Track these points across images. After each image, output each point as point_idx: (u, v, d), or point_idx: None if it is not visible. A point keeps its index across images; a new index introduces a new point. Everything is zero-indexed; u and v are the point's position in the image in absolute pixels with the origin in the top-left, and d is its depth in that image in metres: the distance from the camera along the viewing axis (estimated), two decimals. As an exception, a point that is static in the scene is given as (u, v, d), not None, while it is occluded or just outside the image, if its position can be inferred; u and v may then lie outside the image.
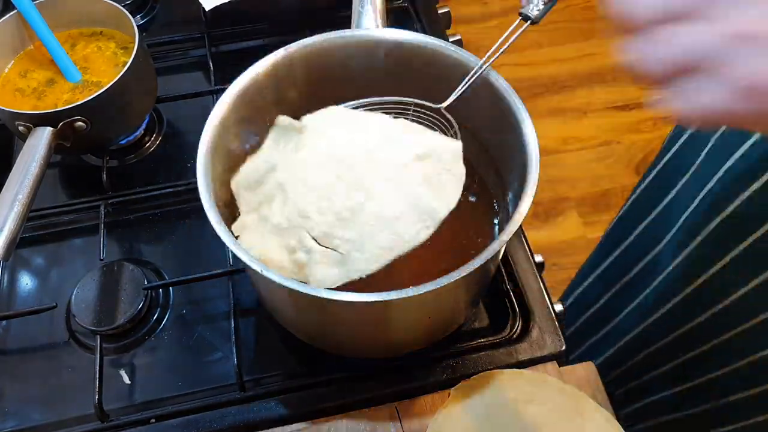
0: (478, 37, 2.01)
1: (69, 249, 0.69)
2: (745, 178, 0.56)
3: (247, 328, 0.63)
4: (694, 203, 0.63)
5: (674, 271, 0.67)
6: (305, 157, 0.52)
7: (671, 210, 0.68)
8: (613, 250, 0.81)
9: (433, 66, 0.58)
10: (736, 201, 0.57)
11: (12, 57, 0.69)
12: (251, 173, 0.54)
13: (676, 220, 0.66)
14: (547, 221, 1.68)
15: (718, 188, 0.59)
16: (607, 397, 0.59)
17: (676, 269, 0.67)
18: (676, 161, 0.67)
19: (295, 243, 0.50)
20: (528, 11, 0.53)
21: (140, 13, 0.87)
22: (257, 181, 0.53)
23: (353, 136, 0.53)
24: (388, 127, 0.54)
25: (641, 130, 1.83)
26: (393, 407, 0.57)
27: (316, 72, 0.60)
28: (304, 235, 0.49)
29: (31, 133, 0.60)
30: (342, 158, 0.51)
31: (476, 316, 0.64)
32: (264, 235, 0.51)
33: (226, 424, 0.57)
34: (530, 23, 0.54)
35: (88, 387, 0.58)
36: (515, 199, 0.50)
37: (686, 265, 0.65)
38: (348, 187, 0.50)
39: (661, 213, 0.70)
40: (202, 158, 0.52)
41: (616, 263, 0.80)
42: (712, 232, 0.60)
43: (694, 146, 0.64)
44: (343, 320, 0.54)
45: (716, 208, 0.59)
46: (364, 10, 0.60)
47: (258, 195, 0.53)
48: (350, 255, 0.49)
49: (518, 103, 0.54)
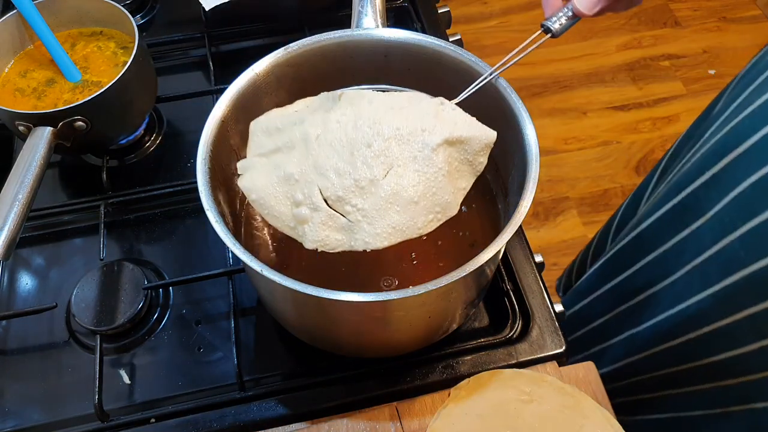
0: (478, 36, 2.02)
1: (69, 249, 0.69)
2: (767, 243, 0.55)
3: (247, 328, 0.63)
4: (711, 251, 0.62)
5: (681, 313, 0.66)
6: (338, 118, 0.51)
7: (683, 249, 0.66)
8: (615, 275, 0.79)
9: (433, 66, 0.58)
10: (757, 264, 0.56)
11: (12, 57, 0.69)
12: (276, 119, 0.53)
13: (687, 260, 0.65)
14: (547, 221, 1.68)
15: (738, 245, 0.58)
16: (607, 397, 0.59)
17: (682, 312, 0.66)
18: (694, 201, 0.65)
19: (302, 197, 0.49)
20: (550, 24, 0.53)
21: (140, 13, 0.87)
22: (279, 129, 0.52)
23: (390, 110, 0.51)
24: (428, 106, 0.52)
25: (641, 130, 1.83)
26: (393, 407, 0.57)
27: (316, 72, 0.60)
28: (315, 191, 0.48)
29: (31, 133, 0.60)
30: (374, 127, 0.50)
31: (476, 316, 0.64)
32: (270, 180, 0.50)
33: (226, 424, 0.57)
34: (550, 36, 0.54)
35: (88, 387, 0.58)
36: (515, 199, 0.50)
37: (694, 311, 0.64)
38: (374, 157, 0.48)
39: (671, 249, 0.69)
40: (202, 158, 0.52)
41: (618, 288, 0.79)
42: (727, 288, 0.59)
43: (716, 191, 0.62)
44: (343, 320, 0.54)
45: (734, 265, 0.58)
46: (364, 10, 0.60)
47: (276, 141, 0.52)
48: (359, 225, 0.48)
49: (518, 102, 0.54)
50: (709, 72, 1.94)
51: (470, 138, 0.51)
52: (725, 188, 0.60)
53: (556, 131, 1.83)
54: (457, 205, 0.51)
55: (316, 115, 0.52)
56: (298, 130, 0.51)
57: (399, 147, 0.49)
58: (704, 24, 2.05)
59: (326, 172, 0.48)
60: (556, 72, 1.94)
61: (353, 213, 0.48)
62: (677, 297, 0.67)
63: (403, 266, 0.58)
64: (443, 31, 0.85)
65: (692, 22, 2.06)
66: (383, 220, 0.48)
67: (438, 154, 0.50)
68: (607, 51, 1.99)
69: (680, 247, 0.67)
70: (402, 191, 0.48)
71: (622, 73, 1.95)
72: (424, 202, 0.49)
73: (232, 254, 0.66)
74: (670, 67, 1.96)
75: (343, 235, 0.49)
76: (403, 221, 0.48)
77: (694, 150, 0.69)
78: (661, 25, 2.05)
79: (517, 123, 0.53)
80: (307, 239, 0.49)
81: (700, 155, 0.66)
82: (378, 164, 0.48)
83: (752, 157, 0.57)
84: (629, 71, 1.95)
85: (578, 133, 1.83)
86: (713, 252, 0.61)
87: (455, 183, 0.51)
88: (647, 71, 1.95)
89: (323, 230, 0.48)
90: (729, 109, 0.65)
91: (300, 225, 0.49)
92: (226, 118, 0.55)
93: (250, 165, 0.52)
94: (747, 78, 0.65)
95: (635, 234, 0.76)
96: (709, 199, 0.63)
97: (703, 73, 1.94)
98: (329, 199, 0.48)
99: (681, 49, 2.00)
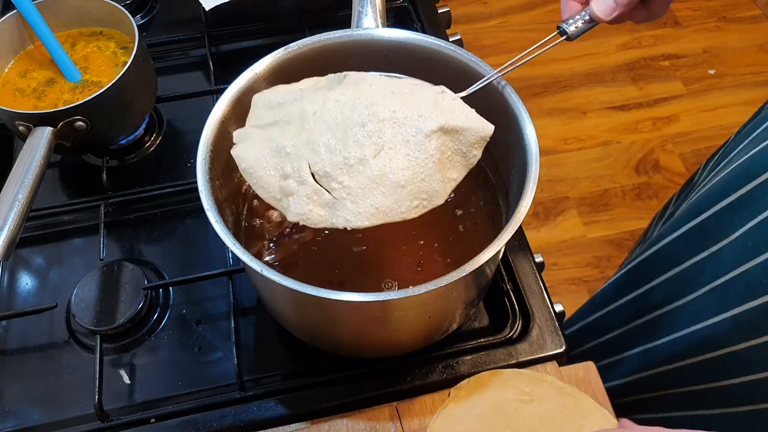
0: (478, 36, 2.02)
1: (69, 249, 0.69)
2: None
3: (247, 328, 0.63)
4: (730, 275, 0.61)
5: (696, 333, 0.66)
6: (337, 97, 0.51)
7: (702, 270, 0.66)
8: (632, 289, 0.79)
9: (433, 66, 0.58)
10: None
11: (12, 57, 0.69)
12: (279, 94, 0.53)
13: (706, 282, 0.65)
14: (547, 221, 1.68)
15: (759, 271, 0.57)
16: (607, 397, 0.59)
17: (698, 333, 0.66)
18: (716, 223, 0.65)
19: (290, 170, 0.49)
20: (566, 26, 0.53)
21: (140, 13, 0.87)
22: (279, 104, 0.53)
23: (390, 94, 0.51)
24: (429, 94, 0.52)
25: (641, 130, 1.83)
26: (393, 407, 0.57)
27: (316, 72, 0.60)
28: (304, 166, 0.49)
29: (31, 133, 0.60)
30: (371, 108, 0.50)
31: (476, 316, 0.64)
32: (262, 152, 0.51)
33: (226, 424, 0.57)
34: (565, 38, 0.53)
35: (88, 387, 0.58)
36: (515, 199, 0.50)
37: (711, 332, 0.64)
38: (366, 137, 0.49)
39: (690, 268, 0.68)
40: (202, 158, 0.52)
41: (634, 302, 0.79)
42: (747, 312, 0.59)
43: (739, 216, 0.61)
44: (343, 320, 0.54)
45: (755, 291, 0.58)
46: (364, 10, 0.60)
47: (274, 114, 0.52)
48: (342, 202, 0.48)
49: (518, 102, 0.54)
50: (709, 72, 1.94)
51: (466, 128, 0.51)
52: (749, 213, 0.60)
53: (556, 131, 1.83)
54: (446, 195, 0.51)
55: (318, 94, 0.52)
56: (297, 106, 0.52)
57: (392, 129, 0.49)
58: (704, 24, 2.05)
59: (317, 147, 0.49)
60: (556, 72, 1.94)
61: (338, 190, 0.48)
62: (694, 317, 0.66)
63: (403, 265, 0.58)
64: (443, 31, 0.85)
65: (692, 22, 2.06)
66: (367, 200, 0.48)
67: (431, 141, 0.49)
68: (607, 51, 1.99)
69: (699, 268, 0.67)
70: (390, 173, 0.48)
71: (622, 73, 1.95)
72: (410, 187, 0.49)
73: (232, 254, 0.66)
74: (670, 67, 1.96)
75: (326, 211, 0.49)
76: (387, 203, 0.48)
77: (718, 169, 0.69)
78: (661, 25, 2.05)
79: (517, 123, 0.53)
80: (290, 211, 0.49)
81: (725, 176, 0.66)
82: (369, 144, 0.48)
83: None
84: (629, 71, 1.95)
85: (578, 133, 1.83)
86: (733, 276, 0.61)
87: (446, 173, 0.51)
88: (647, 71, 1.95)
89: (307, 204, 0.49)
90: (756, 131, 0.64)
91: (285, 198, 0.49)
92: (226, 118, 0.55)
93: (245, 135, 0.53)
94: None
95: (654, 250, 0.76)
96: (732, 224, 0.62)
97: (703, 73, 1.94)
98: (317, 174, 0.49)
99: (681, 49, 2.00)
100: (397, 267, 0.58)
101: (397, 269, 0.58)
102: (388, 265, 0.58)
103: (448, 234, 0.59)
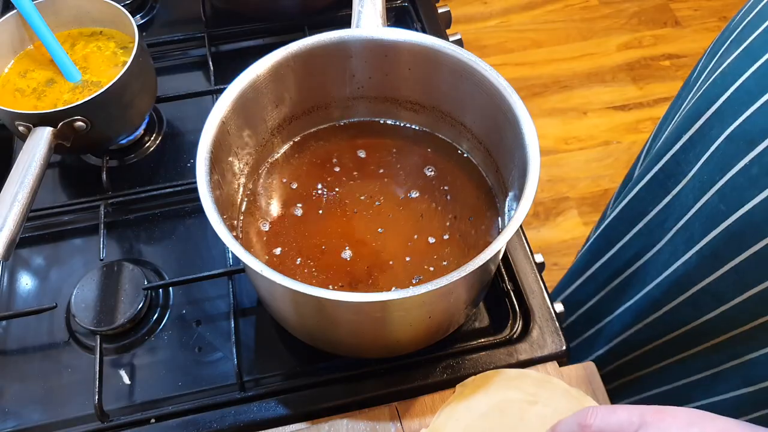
0: (478, 36, 2.02)
1: (69, 249, 0.69)
2: (744, 191, 0.55)
3: (247, 328, 0.63)
4: (692, 211, 0.62)
5: (668, 278, 0.67)
6: None
7: (667, 216, 0.67)
8: (605, 252, 0.80)
9: (433, 66, 0.58)
10: (736, 214, 0.56)
11: (12, 57, 0.69)
12: None
13: (671, 226, 0.66)
14: (547, 221, 1.68)
15: (717, 200, 0.58)
16: (607, 398, 0.59)
17: (670, 276, 0.66)
18: (674, 166, 0.67)
19: None
20: None
21: (140, 13, 0.87)
22: None
23: None
24: None
25: (641, 130, 1.83)
26: (393, 407, 0.57)
27: (316, 72, 0.60)
28: None
29: (31, 133, 0.60)
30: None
31: (476, 316, 0.64)
32: None
33: (226, 424, 0.57)
34: None
35: (88, 387, 0.58)
36: (515, 199, 0.50)
37: (681, 273, 0.65)
38: None
39: (655, 217, 0.70)
40: (202, 158, 0.52)
41: (608, 265, 0.80)
42: (710, 243, 0.60)
43: (693, 153, 0.63)
44: (343, 320, 0.54)
45: (715, 220, 0.59)
46: (364, 10, 0.60)
47: None
48: None
49: (518, 102, 0.54)
50: (710, 72, 1.94)
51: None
52: (702, 148, 0.61)
53: (556, 131, 1.83)
54: None
55: None
56: None
57: None
58: (704, 24, 2.05)
59: None
60: (556, 72, 1.94)
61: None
62: (664, 263, 0.67)
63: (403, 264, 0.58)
64: (443, 31, 0.85)
65: (692, 21, 2.06)
66: None
67: None
68: (608, 51, 1.99)
69: (664, 214, 0.68)
70: None
71: (623, 73, 1.95)
72: None
73: (232, 254, 0.66)
74: (670, 67, 1.96)
75: None
76: None
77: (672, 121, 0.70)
78: (661, 25, 2.05)
79: (517, 123, 0.53)
80: None
81: (677, 123, 0.67)
82: None
83: (725, 112, 0.58)
84: (629, 71, 1.95)
85: (578, 133, 1.83)
86: (695, 211, 0.62)
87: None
88: (647, 71, 1.95)
89: None
90: (701, 78, 0.66)
91: None
92: (226, 118, 0.55)
93: None
94: (716, 45, 0.66)
95: (620, 208, 0.77)
96: (688, 162, 0.63)
97: (703, 73, 1.94)
98: None
99: (681, 48, 2.00)
100: (397, 267, 0.58)
101: (397, 269, 0.58)
102: (388, 266, 0.58)
103: (448, 234, 0.59)
